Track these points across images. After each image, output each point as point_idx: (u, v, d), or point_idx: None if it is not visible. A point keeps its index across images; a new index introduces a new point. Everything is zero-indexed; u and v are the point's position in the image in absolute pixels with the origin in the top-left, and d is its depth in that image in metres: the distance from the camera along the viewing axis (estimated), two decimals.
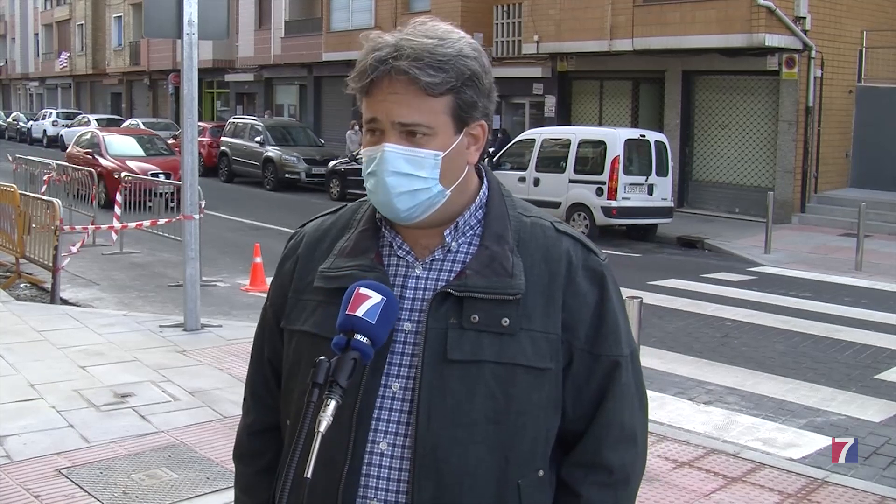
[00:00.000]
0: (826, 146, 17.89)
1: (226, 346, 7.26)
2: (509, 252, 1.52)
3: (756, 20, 16.36)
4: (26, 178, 15.80)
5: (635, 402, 1.59)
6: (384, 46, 1.47)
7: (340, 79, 27.09)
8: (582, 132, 15.76)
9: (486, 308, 1.48)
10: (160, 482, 4.52)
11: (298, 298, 1.61)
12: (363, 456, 1.48)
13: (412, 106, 1.45)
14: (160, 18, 7.61)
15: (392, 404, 1.49)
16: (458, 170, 1.53)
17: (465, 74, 1.47)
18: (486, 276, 1.49)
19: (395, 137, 1.47)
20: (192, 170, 7.80)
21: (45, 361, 6.61)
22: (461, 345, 1.47)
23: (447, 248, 1.55)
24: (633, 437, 1.58)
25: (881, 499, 4.66)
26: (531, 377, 1.49)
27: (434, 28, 1.50)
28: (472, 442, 1.47)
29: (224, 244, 13.25)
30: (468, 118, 1.51)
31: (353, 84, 1.50)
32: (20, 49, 60.51)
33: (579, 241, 1.59)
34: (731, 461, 5.10)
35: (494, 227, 1.55)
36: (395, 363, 1.50)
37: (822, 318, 9.27)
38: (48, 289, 9.60)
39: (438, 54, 1.45)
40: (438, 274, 1.53)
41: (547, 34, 20.15)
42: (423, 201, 1.49)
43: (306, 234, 1.67)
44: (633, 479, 1.59)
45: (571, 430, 1.56)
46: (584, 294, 1.54)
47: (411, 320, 1.51)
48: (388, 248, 1.57)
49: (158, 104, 43.35)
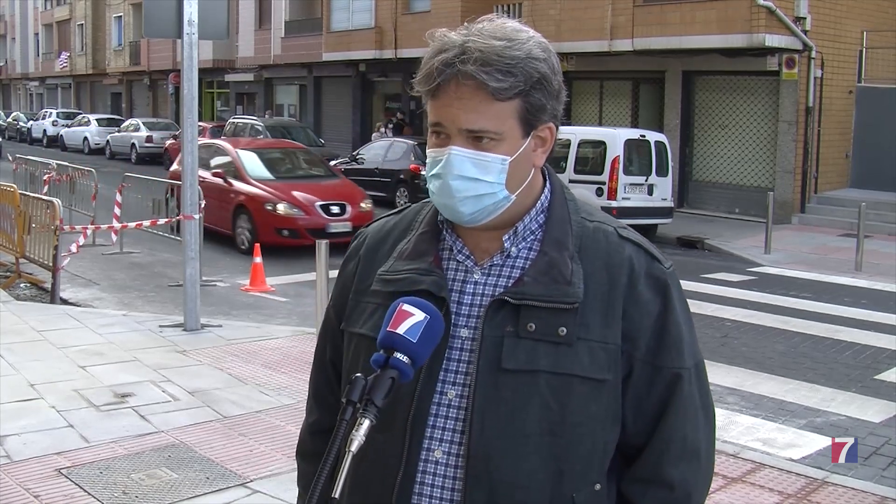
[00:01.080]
0: (826, 146, 17.88)
1: (226, 346, 7.26)
2: (569, 259, 1.48)
3: (756, 20, 16.35)
4: (26, 178, 15.81)
5: (699, 415, 1.53)
6: (451, 47, 1.42)
7: (340, 79, 26.94)
8: (582, 132, 15.74)
9: (542, 316, 1.44)
10: (160, 482, 4.52)
11: (359, 300, 1.59)
12: (417, 463, 1.46)
13: (479, 112, 1.41)
14: (160, 18, 7.62)
15: (448, 412, 1.46)
16: (524, 173, 1.49)
17: (533, 77, 1.43)
18: (543, 284, 1.46)
19: (461, 141, 1.43)
20: (192, 170, 7.80)
21: (44, 361, 6.61)
22: (516, 354, 1.44)
23: (507, 253, 1.51)
24: (696, 453, 1.53)
25: (881, 499, 4.66)
26: (588, 388, 1.45)
27: (502, 27, 1.45)
28: (526, 453, 1.43)
29: (224, 244, 13.24)
30: (536, 121, 1.47)
31: (420, 87, 1.45)
32: (20, 49, 60.49)
33: (643, 248, 1.54)
34: (731, 461, 5.10)
35: (555, 232, 1.51)
36: (452, 370, 1.47)
37: (822, 319, 9.27)
38: (48, 289, 9.60)
39: (507, 57, 1.40)
40: (497, 280, 1.50)
41: (547, 34, 19.49)
42: (487, 206, 1.46)
43: (369, 236, 1.65)
44: (696, 495, 1.54)
45: (632, 443, 1.52)
46: (645, 303, 1.49)
47: (468, 326, 1.48)
48: (447, 252, 1.54)
49: (158, 104, 43.33)
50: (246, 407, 5.75)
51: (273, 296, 9.97)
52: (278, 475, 4.63)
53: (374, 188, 18.04)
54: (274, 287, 10.27)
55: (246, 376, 6.43)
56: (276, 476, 4.62)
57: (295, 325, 8.38)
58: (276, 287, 10.28)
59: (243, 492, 4.47)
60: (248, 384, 6.25)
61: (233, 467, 4.75)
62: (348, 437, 1.29)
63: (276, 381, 6.34)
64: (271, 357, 6.96)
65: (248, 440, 5.17)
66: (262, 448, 5.04)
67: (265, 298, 9.88)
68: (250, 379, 6.37)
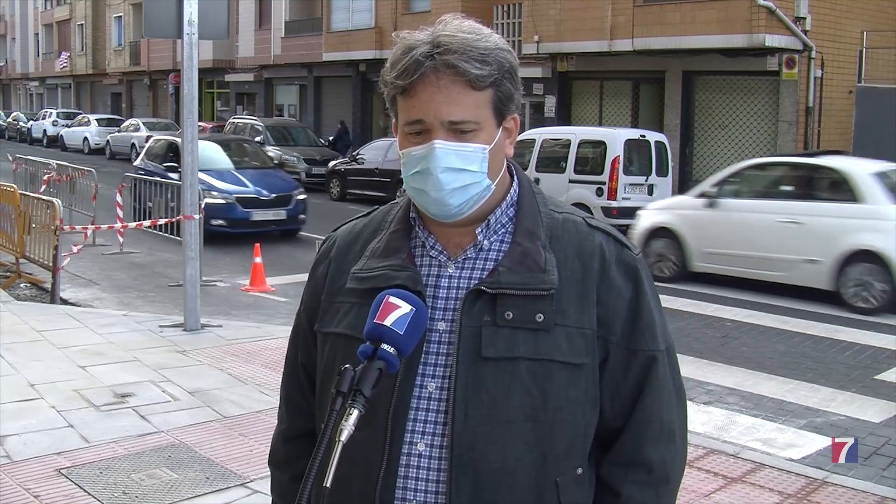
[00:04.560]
0: (826, 146, 17.85)
1: (226, 346, 7.26)
2: (541, 248, 1.51)
3: (756, 20, 16.37)
4: (26, 178, 15.81)
5: (673, 397, 1.57)
6: (422, 44, 1.45)
7: (340, 79, 26.93)
8: (582, 132, 15.75)
9: (519, 304, 1.46)
10: (160, 482, 4.52)
11: (332, 302, 1.60)
12: (400, 457, 1.47)
13: (460, 103, 1.44)
14: (160, 18, 7.62)
15: (429, 404, 1.48)
16: (499, 163, 1.53)
17: (504, 67, 1.47)
18: (518, 273, 1.48)
19: (443, 134, 1.45)
20: (193, 170, 7.80)
21: (45, 361, 6.61)
22: (496, 342, 1.45)
23: (479, 246, 1.54)
24: (672, 434, 1.56)
25: (881, 499, 4.66)
26: (567, 373, 1.47)
27: (464, 24, 1.49)
28: (510, 440, 1.45)
29: (224, 244, 13.24)
30: (506, 111, 1.51)
31: (397, 82, 1.46)
32: (20, 49, 60.50)
33: (612, 236, 1.58)
34: (731, 461, 5.10)
35: (526, 223, 1.54)
36: (431, 363, 1.49)
37: (822, 319, 9.28)
38: (48, 289, 9.60)
39: (480, 47, 1.44)
40: (471, 272, 1.52)
41: (547, 34, 20.16)
42: (473, 196, 1.49)
43: (338, 238, 1.67)
44: (674, 476, 1.58)
45: (610, 426, 1.55)
46: (618, 288, 1.52)
47: (445, 319, 1.50)
48: (420, 248, 1.56)
49: (158, 104, 43.35)
50: (246, 407, 5.75)
51: (273, 296, 9.98)
52: None
53: (374, 188, 18.04)
54: (274, 287, 10.27)
55: (246, 376, 6.44)
56: None
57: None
58: (276, 287, 10.28)
59: (243, 492, 4.47)
60: (248, 384, 6.25)
61: (233, 467, 4.75)
62: (338, 427, 1.31)
63: (276, 381, 6.33)
64: (271, 357, 6.96)
65: (248, 440, 5.17)
66: (262, 448, 5.04)
67: (265, 298, 9.88)
68: (250, 379, 6.37)
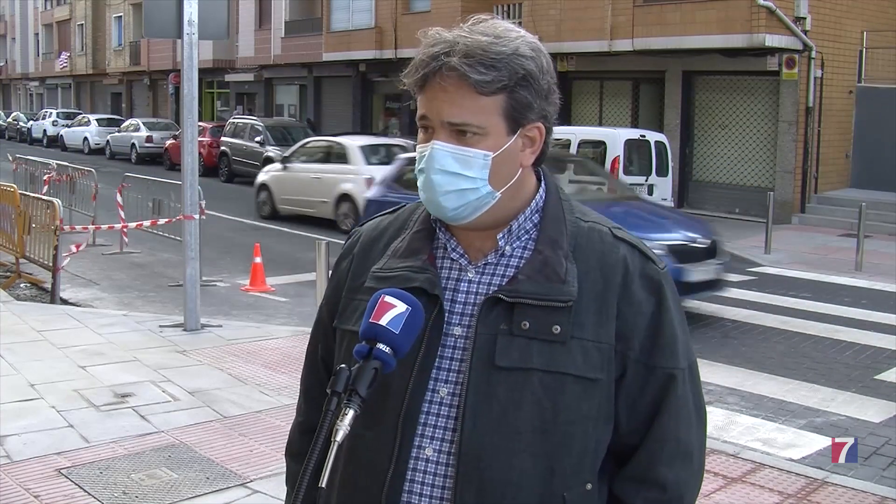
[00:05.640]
0: (826, 146, 17.88)
1: (226, 346, 7.26)
2: (563, 257, 1.48)
3: (756, 20, 16.35)
4: (26, 178, 15.81)
5: (692, 417, 1.53)
6: (439, 43, 1.44)
7: (340, 79, 26.92)
8: (582, 132, 15.73)
9: (536, 314, 1.44)
10: (160, 482, 4.52)
11: (352, 298, 1.59)
12: (408, 461, 1.45)
13: (462, 105, 1.43)
14: (160, 18, 7.62)
15: (440, 409, 1.46)
16: (510, 171, 1.49)
17: (518, 74, 1.43)
18: (538, 282, 1.45)
19: (444, 135, 1.44)
20: (193, 170, 7.81)
21: (45, 361, 6.61)
22: (510, 352, 1.43)
23: (501, 251, 1.51)
24: (689, 454, 1.53)
25: (881, 499, 4.66)
26: (581, 387, 1.44)
27: (493, 26, 1.46)
28: (517, 451, 1.43)
29: (224, 244, 13.25)
30: (522, 119, 1.47)
31: (407, 79, 1.47)
32: (20, 49, 60.47)
33: (637, 248, 1.53)
34: (731, 461, 5.10)
35: (549, 231, 1.51)
36: (445, 368, 1.47)
37: (822, 319, 9.27)
38: (48, 289, 9.60)
39: (492, 52, 1.41)
40: (491, 278, 1.50)
41: (547, 34, 20.13)
42: (470, 201, 1.46)
43: (363, 234, 1.66)
44: (688, 497, 1.54)
45: (625, 443, 1.52)
46: (639, 303, 1.49)
47: (462, 325, 1.48)
48: (441, 251, 1.54)
49: (158, 104, 43.33)
50: (246, 407, 5.75)
51: (273, 296, 9.98)
52: (278, 475, 4.62)
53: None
54: (274, 287, 10.27)
55: (246, 376, 6.43)
56: (276, 476, 4.62)
57: (295, 325, 8.37)
58: (276, 287, 10.28)
59: (243, 492, 4.47)
60: (248, 384, 6.25)
61: (233, 467, 4.75)
62: (333, 427, 1.30)
63: (276, 381, 6.34)
64: (271, 357, 6.96)
65: (248, 440, 5.17)
66: (262, 448, 5.04)
67: (265, 298, 9.88)
68: (250, 379, 6.37)
